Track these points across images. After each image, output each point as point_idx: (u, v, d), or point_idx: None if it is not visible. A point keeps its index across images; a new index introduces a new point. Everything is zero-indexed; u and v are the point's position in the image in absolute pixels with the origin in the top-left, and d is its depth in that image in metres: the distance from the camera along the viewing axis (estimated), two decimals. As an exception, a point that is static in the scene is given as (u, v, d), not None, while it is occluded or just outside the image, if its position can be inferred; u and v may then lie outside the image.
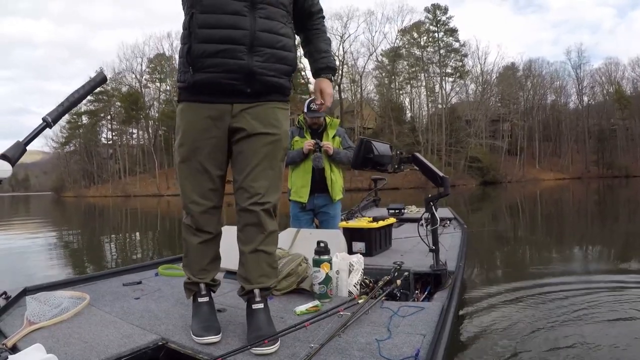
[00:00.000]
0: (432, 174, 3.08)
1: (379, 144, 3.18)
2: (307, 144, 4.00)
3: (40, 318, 1.98)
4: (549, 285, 4.80)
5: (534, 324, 3.59)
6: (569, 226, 11.28)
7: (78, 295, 2.34)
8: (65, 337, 1.86)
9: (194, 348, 1.79)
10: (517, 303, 4.19)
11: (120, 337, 1.87)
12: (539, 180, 51.77)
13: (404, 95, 63.85)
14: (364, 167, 3.18)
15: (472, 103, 60.42)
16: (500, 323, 3.64)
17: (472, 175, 52.20)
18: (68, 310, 2.11)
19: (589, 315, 3.74)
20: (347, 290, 2.55)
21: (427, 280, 2.97)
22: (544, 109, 65.88)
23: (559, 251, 7.36)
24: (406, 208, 6.21)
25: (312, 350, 1.67)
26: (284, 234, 3.46)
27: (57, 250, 9.16)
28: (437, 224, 3.01)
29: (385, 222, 3.73)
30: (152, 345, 1.83)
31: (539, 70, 65.72)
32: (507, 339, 3.29)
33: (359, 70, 59.87)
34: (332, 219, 4.11)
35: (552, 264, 6.07)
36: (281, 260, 2.64)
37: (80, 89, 2.15)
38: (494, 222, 12.87)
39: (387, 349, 1.73)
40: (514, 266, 5.99)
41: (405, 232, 4.59)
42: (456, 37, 59.88)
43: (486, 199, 26.00)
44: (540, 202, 21.18)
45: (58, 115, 2.09)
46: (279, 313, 2.22)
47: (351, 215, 4.65)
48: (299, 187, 4.09)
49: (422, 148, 54.08)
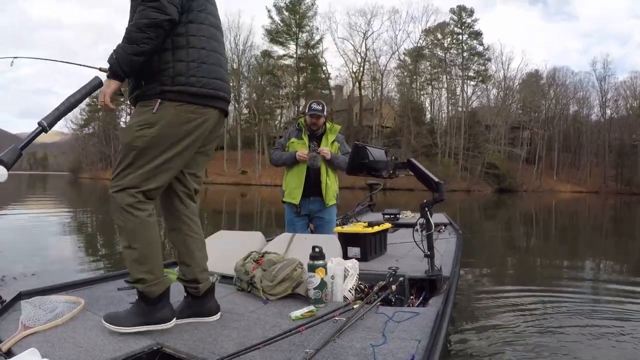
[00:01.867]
0: (427, 179, 3.09)
1: (373, 150, 3.19)
2: (299, 154, 4.01)
3: (35, 322, 1.97)
4: (547, 293, 4.83)
5: (529, 331, 3.60)
6: (580, 240, 11.27)
7: (73, 300, 2.33)
8: (60, 341, 1.85)
9: (188, 353, 1.79)
10: (513, 310, 4.21)
11: (115, 341, 1.87)
12: (555, 191, 50.85)
13: (424, 96, 63.30)
14: (359, 173, 3.19)
15: (492, 108, 59.57)
16: (496, 329, 3.65)
17: (488, 182, 51.63)
18: (63, 314, 2.11)
19: (586, 324, 3.76)
20: (342, 295, 2.55)
21: (422, 285, 2.97)
22: (565, 119, 64.38)
23: (563, 263, 7.31)
24: (401, 213, 6.21)
25: (307, 355, 1.67)
26: (279, 239, 3.46)
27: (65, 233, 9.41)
28: (432, 230, 3.02)
29: (380, 227, 3.73)
30: (147, 350, 1.83)
31: (563, 80, 64.23)
32: (502, 344, 3.30)
33: (380, 68, 59.46)
34: (327, 224, 4.12)
35: (553, 274, 6.09)
36: (276, 265, 2.64)
37: (76, 94, 2.16)
38: (506, 231, 12.90)
39: (382, 354, 1.74)
40: (513, 274, 6.01)
41: (401, 237, 4.59)
42: (480, 40, 59.45)
43: (501, 207, 25.91)
44: (555, 214, 21.01)
45: (54, 120, 2.10)
46: (274, 318, 2.23)
47: (346, 220, 4.66)
48: (292, 188, 4.10)
49: (439, 151, 53.73)
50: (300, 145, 4.11)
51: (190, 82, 1.99)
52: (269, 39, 60.55)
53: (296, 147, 4.11)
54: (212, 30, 2.12)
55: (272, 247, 3.25)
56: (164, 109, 1.96)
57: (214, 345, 1.87)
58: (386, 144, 53.47)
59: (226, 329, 2.06)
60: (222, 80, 2.13)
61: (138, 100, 2.04)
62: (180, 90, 1.98)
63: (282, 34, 60.28)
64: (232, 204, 21.96)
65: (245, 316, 2.26)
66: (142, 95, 2.01)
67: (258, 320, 2.19)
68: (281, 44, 60.89)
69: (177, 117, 1.98)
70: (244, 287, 2.69)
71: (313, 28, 60.00)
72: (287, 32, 60.07)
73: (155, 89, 1.97)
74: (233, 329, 2.07)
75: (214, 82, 2.07)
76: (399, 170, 3.31)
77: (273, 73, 60.01)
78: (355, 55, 59.34)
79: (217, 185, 46.20)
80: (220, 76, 2.11)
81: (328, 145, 4.10)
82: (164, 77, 1.96)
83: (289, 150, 4.14)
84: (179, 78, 1.97)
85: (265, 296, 2.55)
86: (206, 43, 2.06)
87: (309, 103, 4.13)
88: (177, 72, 1.97)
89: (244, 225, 12.14)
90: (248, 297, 2.60)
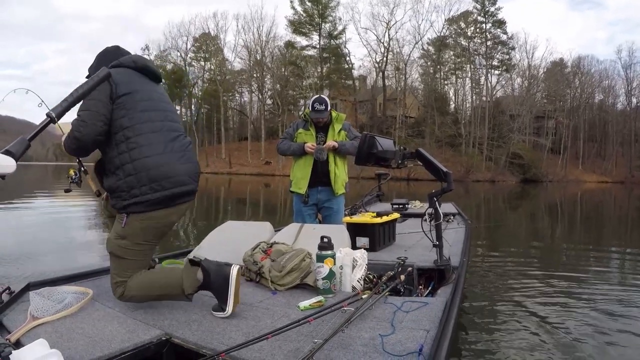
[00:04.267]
0: (436, 169, 3.06)
1: (382, 140, 3.17)
2: (308, 146, 3.99)
3: (44, 313, 1.98)
4: (562, 285, 4.80)
5: (538, 321, 3.58)
6: (604, 231, 11.02)
7: (81, 291, 2.34)
8: (68, 332, 1.86)
9: (197, 343, 1.79)
10: (522, 300, 4.19)
11: (123, 332, 1.87)
12: (580, 181, 49.73)
13: (448, 85, 62.20)
14: (368, 163, 3.17)
15: (517, 98, 58.08)
16: (504, 319, 3.63)
17: (512, 172, 50.63)
18: (71, 305, 2.11)
19: (595, 317, 3.72)
20: (351, 285, 2.54)
21: (430, 275, 2.96)
22: (590, 108, 62.50)
23: (582, 255, 7.16)
24: (410, 203, 6.19)
25: (315, 345, 1.66)
26: (288, 229, 3.45)
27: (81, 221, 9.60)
28: (440, 220, 3.00)
29: (389, 218, 3.71)
30: (155, 340, 1.83)
31: (588, 68, 62.14)
32: (511, 335, 3.28)
33: (403, 58, 58.53)
34: (336, 214, 4.10)
35: (571, 267, 5.97)
36: (285, 256, 2.63)
37: (84, 85, 2.16)
38: (531, 222, 12.80)
39: (390, 344, 1.73)
40: (527, 265, 5.93)
41: (409, 227, 4.57)
42: (504, 29, 57.84)
43: (525, 197, 25.58)
44: (580, 205, 20.70)
45: (62, 111, 2.10)
46: (283, 308, 2.22)
47: (355, 210, 4.64)
48: (298, 178, 4.09)
49: (463, 141, 52.91)
50: (308, 136, 4.08)
51: (143, 191, 2.10)
52: (292, 29, 60.21)
53: (304, 137, 4.08)
54: (151, 116, 2.21)
55: (280, 237, 3.24)
56: (131, 222, 2.13)
57: (222, 335, 1.87)
58: (410, 134, 53.37)
59: (235, 319, 2.06)
60: (175, 174, 2.19)
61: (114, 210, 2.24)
62: (137, 202, 2.10)
63: (305, 25, 59.83)
64: (256, 194, 22.27)
65: (253, 306, 2.25)
66: (114, 206, 2.20)
67: (267, 311, 2.19)
68: (304, 35, 60.47)
69: (142, 229, 2.15)
70: (252, 278, 2.68)
71: (336, 18, 59.43)
72: (310, 23, 59.59)
73: (118, 204, 2.14)
74: (242, 319, 2.07)
75: (167, 182, 2.15)
76: (408, 160, 3.28)
77: (296, 64, 59.59)
78: (378, 45, 58.68)
79: (240, 176, 46.45)
80: (172, 172, 2.18)
81: (335, 135, 4.05)
82: (121, 193, 2.12)
83: (297, 141, 4.12)
84: (133, 191, 2.10)
85: (273, 286, 2.54)
86: (148, 148, 2.15)
87: (312, 101, 4.05)
88: (130, 186, 2.10)
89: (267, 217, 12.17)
90: (257, 287, 2.60)
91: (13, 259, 5.28)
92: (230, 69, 63.30)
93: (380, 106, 58.15)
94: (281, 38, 61.43)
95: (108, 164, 2.17)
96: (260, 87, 61.35)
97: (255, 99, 64.12)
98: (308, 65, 59.44)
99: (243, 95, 67.07)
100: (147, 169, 2.11)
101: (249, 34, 62.75)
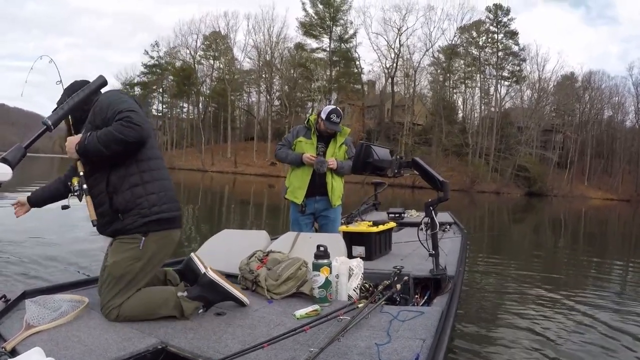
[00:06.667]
0: (432, 178, 3.08)
1: (378, 149, 3.18)
2: (307, 157, 3.90)
3: (40, 321, 1.97)
4: (557, 297, 4.79)
5: (534, 331, 3.59)
6: (605, 248, 10.96)
7: (77, 299, 2.33)
8: (64, 340, 1.85)
9: (193, 351, 1.79)
10: (519, 310, 4.19)
11: (119, 340, 1.87)
12: (586, 197, 48.99)
13: (457, 94, 61.76)
14: (364, 172, 3.18)
15: (526, 110, 57.53)
16: (501, 329, 3.64)
17: (517, 185, 50.06)
18: (67, 313, 2.11)
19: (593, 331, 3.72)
20: (347, 294, 2.54)
21: (426, 284, 2.96)
22: (599, 124, 61.13)
23: (581, 270, 7.15)
24: (406, 212, 6.19)
25: (311, 354, 1.67)
26: (284, 238, 3.45)
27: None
28: (436, 229, 3.01)
29: (385, 227, 3.72)
30: (151, 349, 1.82)
31: (599, 84, 60.87)
32: (507, 344, 3.29)
33: (413, 65, 58.11)
34: (332, 223, 4.09)
35: (567, 280, 5.98)
36: (281, 264, 2.64)
37: (80, 93, 2.20)
38: (532, 234, 12.80)
39: (386, 354, 1.73)
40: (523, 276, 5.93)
41: (405, 236, 4.58)
42: (516, 40, 57.46)
43: (529, 211, 25.47)
44: (584, 221, 20.54)
45: (58, 119, 2.14)
46: (279, 317, 2.22)
47: (351, 219, 4.64)
48: (295, 187, 4.02)
49: (470, 151, 52.47)
50: (308, 146, 3.98)
51: (164, 209, 2.25)
52: (302, 31, 59.92)
53: (304, 147, 3.98)
54: (160, 162, 2.39)
55: (276, 245, 3.24)
56: (147, 244, 2.20)
57: (218, 343, 1.87)
58: (417, 142, 53.14)
59: (230, 328, 2.06)
60: (177, 201, 2.39)
61: (118, 234, 2.25)
62: (160, 219, 2.22)
63: (316, 27, 59.53)
64: (260, 195, 22.25)
65: (249, 315, 2.25)
66: (123, 230, 2.22)
67: (262, 319, 2.19)
68: (315, 37, 60.15)
69: (158, 248, 2.25)
70: (248, 286, 2.68)
71: (347, 22, 59.09)
72: (321, 26, 59.35)
73: (136, 222, 2.19)
74: (237, 327, 2.07)
75: (175, 204, 2.35)
76: (404, 169, 3.30)
77: (306, 66, 59.33)
78: (388, 50, 58.22)
79: (246, 176, 46.27)
80: (175, 198, 2.38)
81: (336, 148, 4.00)
82: (142, 210, 2.19)
83: (296, 149, 4.03)
84: (154, 209, 2.22)
85: (269, 295, 2.54)
86: (161, 174, 2.33)
87: (329, 112, 3.90)
88: (152, 204, 2.21)
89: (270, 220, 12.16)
90: (252, 295, 2.60)
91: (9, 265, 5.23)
92: (239, 68, 63.08)
93: (388, 112, 57.96)
94: (291, 39, 61.19)
95: (123, 181, 2.20)
96: (269, 87, 61.05)
97: (263, 100, 63.86)
98: (317, 67, 59.20)
99: (251, 96, 66.83)
100: (166, 189, 2.30)
101: (259, 34, 62.04)
